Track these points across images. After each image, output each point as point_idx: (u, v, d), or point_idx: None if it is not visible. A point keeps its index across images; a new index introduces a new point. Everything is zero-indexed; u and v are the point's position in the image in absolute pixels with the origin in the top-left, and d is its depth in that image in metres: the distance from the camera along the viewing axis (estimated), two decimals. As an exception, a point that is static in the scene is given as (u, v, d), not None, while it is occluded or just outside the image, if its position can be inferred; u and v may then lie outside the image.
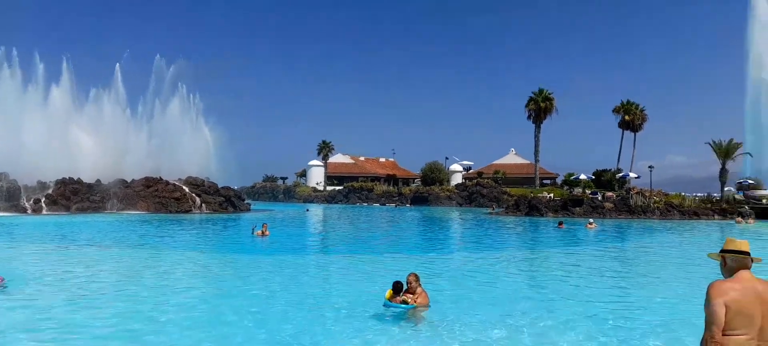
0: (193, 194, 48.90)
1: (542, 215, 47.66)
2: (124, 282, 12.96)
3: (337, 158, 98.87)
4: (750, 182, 62.90)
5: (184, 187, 49.23)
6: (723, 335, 3.60)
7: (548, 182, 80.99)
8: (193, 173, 52.51)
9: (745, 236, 29.90)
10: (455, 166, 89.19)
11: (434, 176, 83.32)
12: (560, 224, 35.58)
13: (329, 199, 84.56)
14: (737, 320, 3.60)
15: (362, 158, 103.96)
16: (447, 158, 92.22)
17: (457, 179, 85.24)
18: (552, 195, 56.67)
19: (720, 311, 3.60)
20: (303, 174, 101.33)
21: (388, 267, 15.44)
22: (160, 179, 48.86)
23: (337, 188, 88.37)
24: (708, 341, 3.63)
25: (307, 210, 57.47)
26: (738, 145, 59.86)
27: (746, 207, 51.19)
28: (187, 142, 57.63)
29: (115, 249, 20.01)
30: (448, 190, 77.74)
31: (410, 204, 75.42)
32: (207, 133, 59.39)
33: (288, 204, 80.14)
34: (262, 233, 24.43)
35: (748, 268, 3.87)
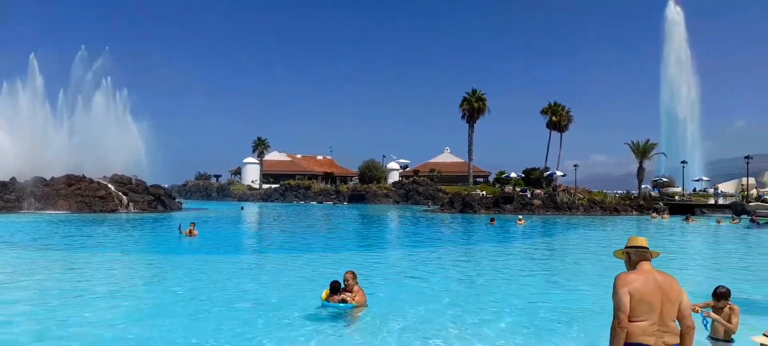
0: (120, 193, 46.69)
1: (475, 212, 49.10)
2: (37, 286, 12.29)
3: (273, 156, 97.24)
4: (664, 179, 67.60)
5: (109, 185, 46.91)
6: (629, 321, 4.02)
7: (481, 179, 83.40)
8: (120, 171, 50.11)
9: (660, 230, 32.31)
10: (392, 165, 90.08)
11: (372, 174, 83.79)
12: (492, 220, 36.82)
13: (265, 197, 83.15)
14: (640, 308, 4.03)
15: (299, 156, 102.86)
16: (384, 156, 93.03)
17: (394, 177, 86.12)
18: (485, 193, 58.49)
19: (625, 299, 4.03)
20: (238, 172, 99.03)
21: (325, 266, 15.49)
22: (83, 176, 46.28)
23: (274, 186, 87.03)
24: (615, 327, 4.04)
25: (242, 209, 56.30)
26: (653, 146, 64.15)
27: (661, 203, 55.01)
28: (112, 138, 54.78)
29: (28, 250, 18.84)
30: (385, 188, 78.43)
31: (348, 202, 75.51)
32: (135, 130, 56.77)
33: (222, 203, 78.11)
34: (190, 232, 23.57)
35: (648, 261, 4.35)
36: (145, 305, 10.43)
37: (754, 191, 62.43)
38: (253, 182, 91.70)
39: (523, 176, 68.17)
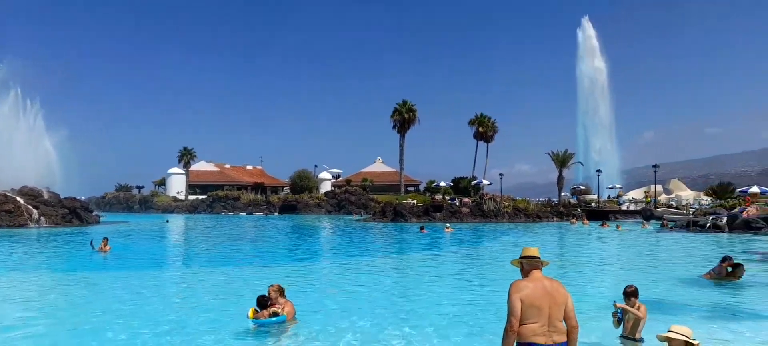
0: (30, 206, 43.47)
1: (407, 221, 49.82)
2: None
3: (200, 166, 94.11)
4: (582, 187, 71.56)
5: (17, 198, 43.53)
6: (520, 324, 4.50)
7: (412, 189, 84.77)
8: (31, 183, 46.66)
9: (578, 235, 34.03)
10: (324, 174, 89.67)
11: (303, 183, 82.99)
12: (422, 229, 37.54)
13: (191, 209, 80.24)
14: (531, 312, 4.51)
15: (228, 166, 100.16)
16: (316, 166, 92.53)
17: (326, 187, 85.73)
18: (415, 202, 59.47)
19: (517, 305, 4.51)
20: (162, 183, 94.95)
21: (253, 280, 15.18)
22: (-13, 189, 42.75)
23: (201, 197, 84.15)
24: (507, 330, 4.53)
25: (167, 221, 54.01)
26: (572, 155, 67.96)
27: (579, 210, 58.16)
28: (22, 149, 50.98)
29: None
30: (317, 198, 77.90)
31: (279, 213, 74.31)
32: (47, 140, 53.07)
33: (145, 215, 74.51)
34: (102, 248, 22.19)
35: (539, 269, 4.86)
36: (36, 331, 9.28)
37: (662, 197, 67.45)
38: (178, 193, 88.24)
39: (452, 184, 69.96)
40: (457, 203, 55.15)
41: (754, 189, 49.98)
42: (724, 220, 36.49)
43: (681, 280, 15.07)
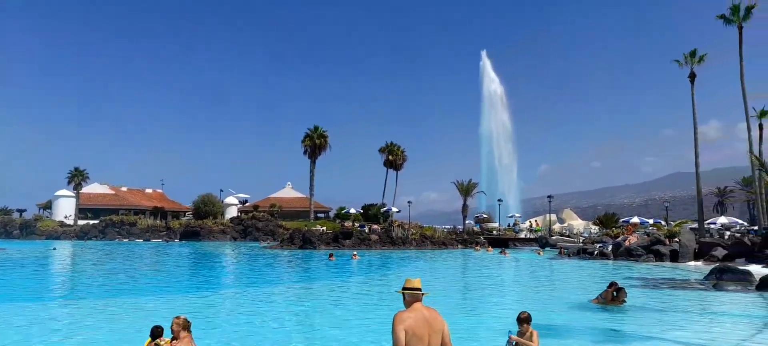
0: None
1: (315, 248, 49.29)
2: None
3: (92, 188, 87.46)
4: (484, 215, 74.82)
5: None
6: None
7: (322, 215, 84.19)
8: None
9: (482, 261, 35.33)
10: (230, 199, 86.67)
11: (207, 209, 79.62)
12: (331, 256, 37.32)
13: (81, 235, 74.05)
14: (413, 341, 4.86)
15: (124, 189, 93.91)
16: (222, 191, 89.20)
17: (232, 213, 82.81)
18: (325, 228, 59.11)
19: (401, 335, 4.83)
20: (48, 206, 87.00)
21: (149, 312, 14.30)
22: None
23: (92, 221, 77.99)
24: None
25: (54, 249, 49.39)
26: (475, 185, 71.08)
27: (481, 237, 60.68)
28: None
29: None
30: (222, 223, 74.97)
31: (180, 239, 70.57)
32: None
33: (26, 242, 67.67)
34: None
35: (420, 300, 5.24)
36: None
37: (556, 226, 72.10)
38: (66, 217, 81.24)
39: (362, 211, 70.37)
40: (367, 230, 55.51)
41: (635, 219, 54.95)
42: (610, 248, 39.69)
43: (572, 305, 16.15)
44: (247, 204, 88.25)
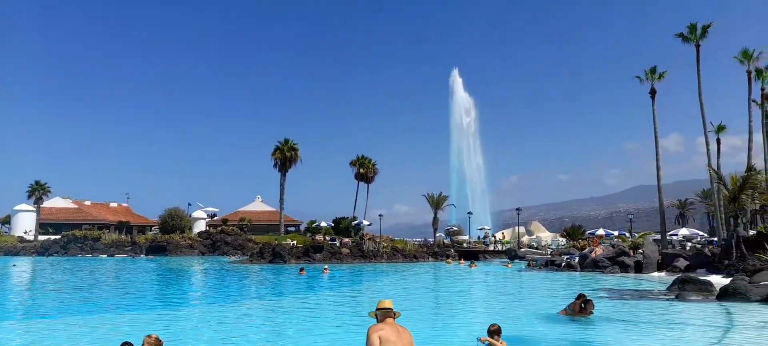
0: None
1: (286, 262, 48.75)
2: None
3: (54, 202, 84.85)
4: (454, 228, 75.38)
5: None
6: None
7: (293, 229, 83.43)
8: None
9: (452, 274, 35.49)
10: (199, 213, 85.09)
11: (175, 223, 77.98)
12: (301, 270, 36.98)
13: (41, 250, 71.51)
14: None
15: (88, 203, 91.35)
16: (190, 204, 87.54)
17: (200, 227, 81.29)
18: (295, 242, 58.59)
19: (375, 341, 5.66)
20: (6, 221, 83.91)
21: (113, 330, 13.90)
22: None
23: (54, 237, 75.48)
24: None
25: (14, 266, 47.44)
26: (445, 198, 71.61)
27: (452, 250, 61.07)
28: None
29: None
30: (189, 238, 73.48)
31: (146, 254, 68.84)
32: None
33: (-19, 258, 64.95)
34: None
35: (392, 318, 6.01)
36: None
37: (524, 238, 73.09)
38: (26, 232, 78.49)
39: (333, 225, 70.01)
40: (338, 244, 55.22)
41: (600, 232, 56.19)
42: (576, 259, 40.44)
43: (540, 317, 16.36)
44: (215, 218, 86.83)
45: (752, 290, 19.13)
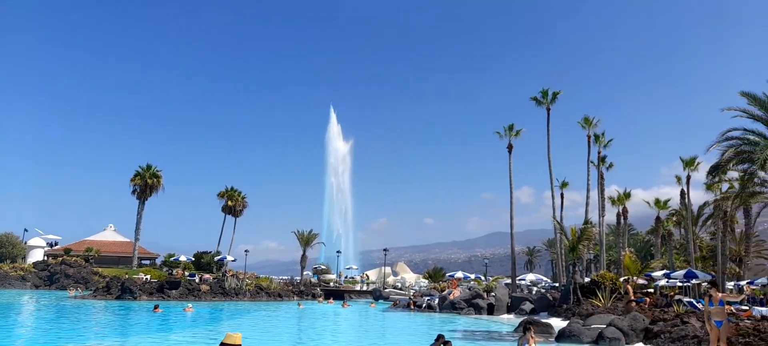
0: None
1: (136, 299, 44.69)
2: None
3: None
4: (322, 266, 75.03)
5: None
6: None
7: (148, 262, 77.17)
8: None
9: (315, 313, 35.08)
10: (36, 241, 75.29)
11: (5, 250, 68.28)
12: (156, 307, 34.21)
13: None
14: None
15: None
16: (26, 230, 77.23)
17: (37, 256, 71.92)
18: (149, 276, 54.20)
19: None
20: None
21: None
22: None
23: None
24: None
25: None
26: (316, 236, 71.21)
27: (318, 289, 60.53)
28: None
29: None
30: (22, 268, 64.59)
31: (-38, 286, 59.04)
32: None
33: None
34: None
35: None
36: None
37: (390, 279, 74.81)
38: None
39: (193, 259, 65.99)
40: (197, 280, 52.03)
41: (459, 274, 59.26)
42: (436, 301, 42.21)
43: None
44: (56, 247, 77.46)
45: (585, 333, 21.34)
